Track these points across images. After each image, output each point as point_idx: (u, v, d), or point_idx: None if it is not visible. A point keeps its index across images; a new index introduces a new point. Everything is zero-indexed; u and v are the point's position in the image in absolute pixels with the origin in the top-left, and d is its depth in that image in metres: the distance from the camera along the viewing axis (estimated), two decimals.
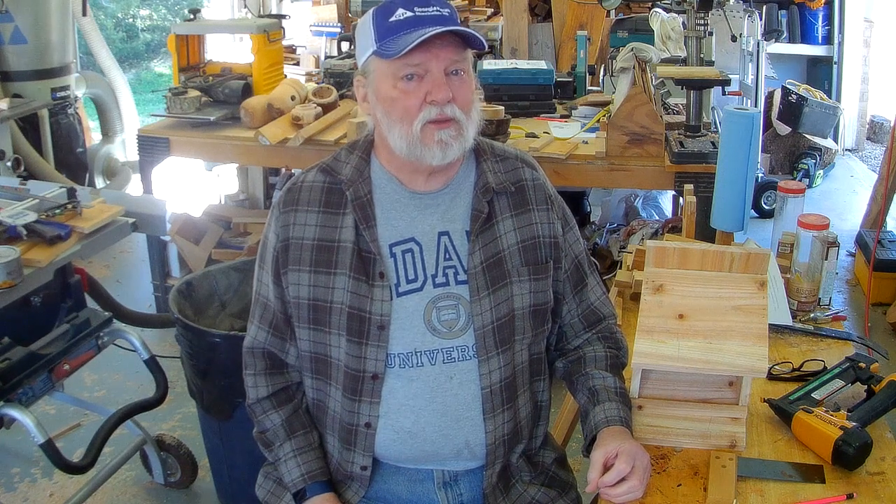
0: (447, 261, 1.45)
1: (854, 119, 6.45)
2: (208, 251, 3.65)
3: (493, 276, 1.45)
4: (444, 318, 1.43)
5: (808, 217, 1.93)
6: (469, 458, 1.48)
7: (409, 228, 1.46)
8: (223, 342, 2.21)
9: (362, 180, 1.46)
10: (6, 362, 2.05)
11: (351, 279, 1.42)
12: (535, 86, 3.68)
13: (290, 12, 5.50)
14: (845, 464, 1.35)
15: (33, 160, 4.33)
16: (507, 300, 1.45)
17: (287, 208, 1.48)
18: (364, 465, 1.47)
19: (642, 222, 3.97)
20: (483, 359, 1.44)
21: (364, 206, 1.45)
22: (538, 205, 1.52)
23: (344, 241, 1.44)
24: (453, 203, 1.48)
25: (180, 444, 2.60)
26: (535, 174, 1.55)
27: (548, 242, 1.51)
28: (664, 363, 1.37)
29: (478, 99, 1.46)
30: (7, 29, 4.28)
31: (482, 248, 1.45)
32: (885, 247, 3.91)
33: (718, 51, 4.24)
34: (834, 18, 6.06)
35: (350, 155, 1.50)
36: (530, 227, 1.50)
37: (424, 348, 1.43)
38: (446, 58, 1.37)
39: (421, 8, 1.37)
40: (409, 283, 1.44)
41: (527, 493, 1.54)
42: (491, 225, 1.47)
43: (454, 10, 1.41)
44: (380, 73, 1.40)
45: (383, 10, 1.39)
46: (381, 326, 1.42)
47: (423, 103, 1.37)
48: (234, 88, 3.54)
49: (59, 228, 2.13)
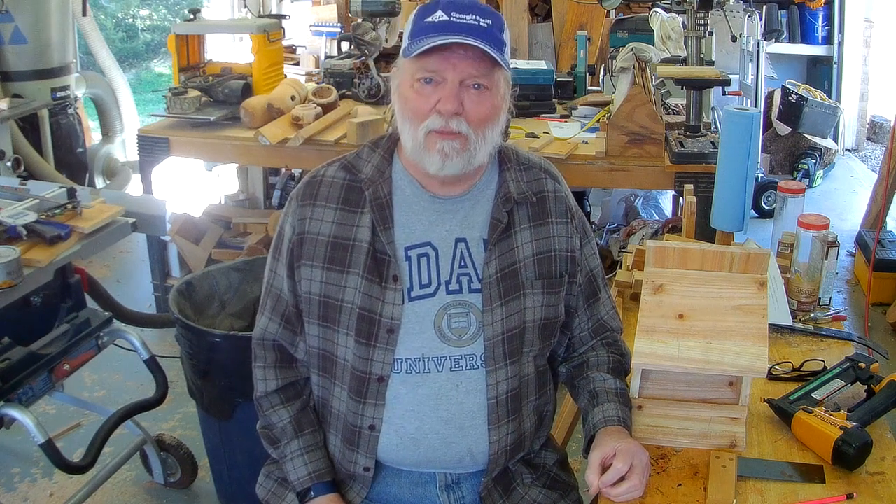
0: (462, 268, 1.44)
1: (854, 119, 6.45)
2: (208, 251, 3.65)
3: (506, 287, 1.44)
4: (455, 326, 1.42)
5: (808, 217, 1.93)
6: (471, 464, 1.48)
7: (427, 233, 1.44)
8: (223, 342, 2.21)
9: (383, 180, 1.45)
10: (6, 362, 2.05)
11: (364, 280, 1.41)
12: (535, 86, 3.68)
13: (290, 12, 5.50)
14: (845, 464, 1.35)
15: (33, 160, 4.34)
16: (518, 312, 1.44)
17: (305, 201, 1.47)
18: (367, 467, 1.47)
19: (642, 222, 3.97)
20: (491, 369, 1.43)
21: (382, 207, 1.43)
22: (558, 217, 1.50)
23: (359, 241, 1.43)
24: (473, 210, 1.46)
25: (180, 444, 2.60)
26: (557, 186, 1.53)
27: (564, 256, 1.50)
28: (664, 363, 1.37)
29: (503, 120, 1.43)
30: (7, 29, 4.28)
31: (498, 257, 1.44)
32: (885, 247, 3.92)
33: (718, 51, 4.25)
34: (834, 18, 6.06)
35: (373, 153, 1.48)
36: (548, 240, 1.49)
37: (432, 355, 1.42)
38: (464, 70, 1.35)
39: (459, 14, 1.34)
40: (423, 288, 1.43)
41: (528, 495, 1.53)
42: (509, 235, 1.46)
43: (499, 23, 1.37)
44: (404, 71, 1.40)
45: (425, 8, 1.38)
46: (390, 330, 1.41)
47: (432, 110, 1.36)
48: (234, 88, 3.55)
49: (59, 228, 2.13)
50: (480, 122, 1.37)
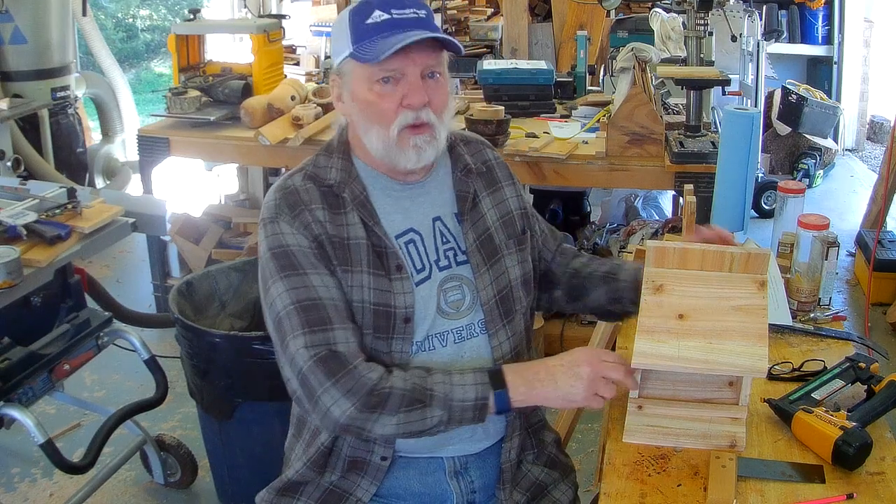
0: (445, 244, 1.49)
1: (854, 119, 6.44)
2: (208, 251, 3.65)
3: (487, 252, 1.50)
4: (452, 300, 1.47)
5: (808, 217, 1.92)
6: (483, 436, 1.50)
7: (407, 219, 1.48)
8: (223, 342, 2.21)
9: (353, 180, 1.46)
10: (6, 362, 2.06)
11: (371, 276, 1.41)
12: (535, 86, 3.68)
13: (290, 12, 5.50)
14: (845, 464, 1.35)
15: (33, 160, 4.34)
16: (503, 273, 1.51)
17: (296, 210, 1.42)
18: (384, 456, 1.47)
19: (642, 222, 3.96)
20: (492, 332, 1.48)
21: (363, 204, 1.45)
22: (505, 181, 1.60)
23: (355, 238, 1.43)
24: (438, 189, 1.52)
25: (180, 444, 2.60)
26: (495, 153, 1.63)
27: (519, 214, 1.58)
28: (664, 363, 1.37)
29: (452, 99, 1.48)
30: (7, 29, 4.28)
31: (472, 226, 1.50)
32: (885, 247, 3.91)
33: (718, 51, 4.24)
34: (834, 18, 6.05)
35: (330, 159, 1.49)
36: (504, 203, 1.57)
37: (435, 331, 1.45)
38: (423, 62, 1.38)
39: (398, 10, 1.37)
40: (419, 273, 1.46)
41: (531, 473, 1.57)
42: (475, 204, 1.53)
43: (430, 12, 1.43)
44: (356, 76, 1.40)
45: (359, 10, 1.39)
46: (406, 319, 1.42)
47: (399, 107, 1.38)
48: (234, 88, 3.54)
49: (59, 228, 2.13)
50: (441, 107, 1.42)
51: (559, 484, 1.60)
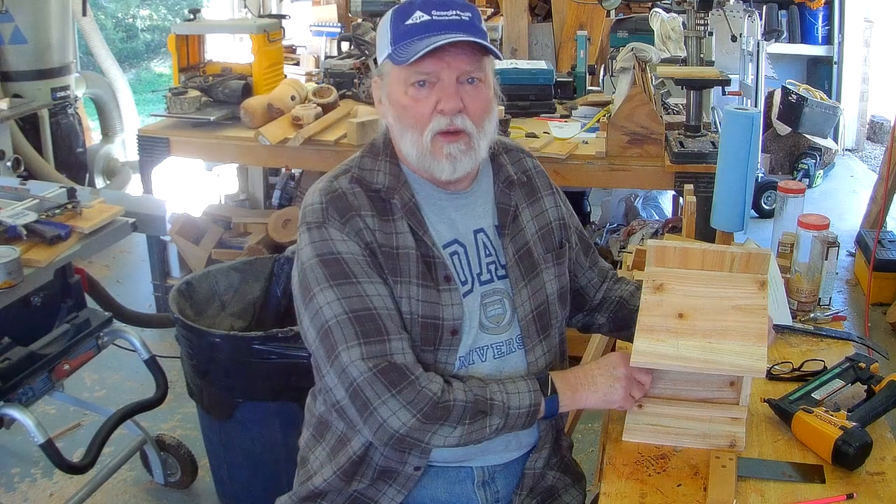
0: (487, 257, 1.46)
1: (854, 119, 6.45)
2: (208, 251, 3.65)
3: (526, 267, 1.48)
4: (492, 314, 1.45)
5: (808, 217, 1.93)
6: (515, 447, 1.50)
7: (452, 230, 1.45)
8: (223, 342, 2.21)
9: (401, 186, 1.42)
10: (6, 362, 2.06)
11: (420, 287, 1.37)
12: (535, 86, 3.68)
13: (290, 12, 5.50)
14: (845, 464, 1.35)
15: (33, 160, 4.34)
16: (541, 288, 1.49)
17: (346, 215, 1.36)
18: (417, 466, 1.44)
19: (642, 222, 3.96)
20: (529, 348, 1.46)
21: (413, 212, 1.41)
22: (544, 191, 1.57)
23: (404, 248, 1.38)
24: (480, 200, 1.48)
25: (180, 444, 2.60)
26: (534, 162, 1.59)
27: (558, 226, 1.55)
28: (664, 362, 1.37)
29: (496, 107, 1.43)
30: (7, 29, 4.28)
31: (512, 240, 1.47)
32: (885, 247, 3.91)
33: (718, 51, 4.24)
34: (834, 18, 6.06)
35: (377, 161, 1.44)
36: (543, 215, 1.54)
37: (477, 346, 1.43)
38: (459, 67, 1.34)
39: (439, 12, 1.33)
40: (464, 286, 1.43)
41: (546, 478, 1.55)
42: (516, 217, 1.49)
43: (477, 15, 1.37)
44: (393, 78, 1.38)
45: (401, 11, 1.36)
46: (453, 331, 1.39)
47: (433, 112, 1.35)
48: (234, 88, 3.55)
49: (59, 228, 2.13)
50: (480, 114, 1.38)
51: (570, 489, 1.58)
